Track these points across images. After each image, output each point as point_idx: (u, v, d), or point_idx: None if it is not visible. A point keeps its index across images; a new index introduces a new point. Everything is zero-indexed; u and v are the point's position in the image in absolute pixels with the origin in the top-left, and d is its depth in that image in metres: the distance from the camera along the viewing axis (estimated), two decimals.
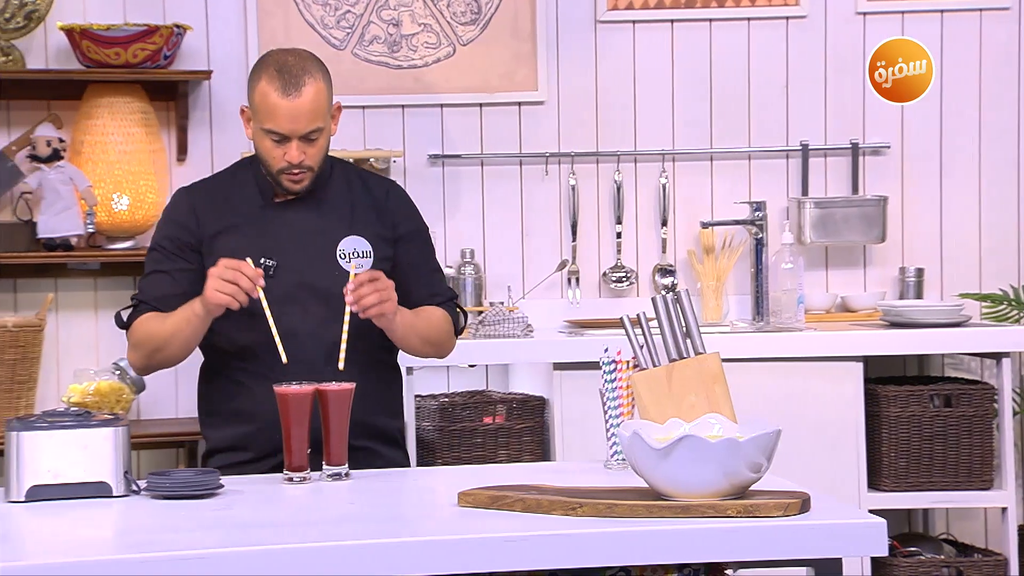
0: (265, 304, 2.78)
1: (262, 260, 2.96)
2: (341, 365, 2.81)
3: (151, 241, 3.06)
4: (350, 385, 2.77)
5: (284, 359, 2.77)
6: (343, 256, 2.96)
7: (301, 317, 2.92)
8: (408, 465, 3.15)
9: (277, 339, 2.77)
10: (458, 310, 3.17)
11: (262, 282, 2.79)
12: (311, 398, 2.73)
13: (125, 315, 3.02)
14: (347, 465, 2.77)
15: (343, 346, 2.80)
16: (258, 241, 2.98)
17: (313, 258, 2.98)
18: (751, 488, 2.38)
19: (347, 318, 2.81)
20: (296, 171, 2.95)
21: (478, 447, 4.09)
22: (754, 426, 2.40)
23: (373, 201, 3.07)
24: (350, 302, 2.82)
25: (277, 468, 2.93)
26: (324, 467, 2.75)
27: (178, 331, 2.92)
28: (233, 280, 2.79)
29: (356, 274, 2.84)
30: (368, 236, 3.00)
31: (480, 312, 4.31)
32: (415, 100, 4.48)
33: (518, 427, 4.12)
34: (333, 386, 2.76)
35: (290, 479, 2.72)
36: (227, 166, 3.18)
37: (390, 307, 2.87)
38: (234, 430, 3.00)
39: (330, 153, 4.40)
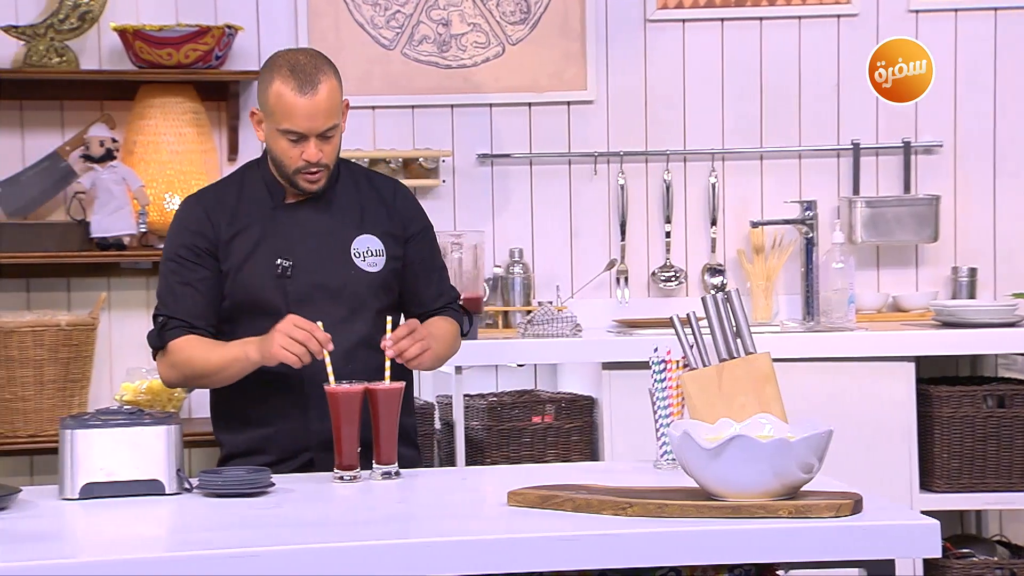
0: (330, 369, 2.77)
1: (278, 261, 2.96)
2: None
3: (165, 252, 3.03)
4: (400, 384, 2.78)
5: (332, 382, 2.77)
6: (357, 255, 2.98)
7: (318, 317, 2.91)
8: (421, 462, 3.16)
9: (331, 377, 2.77)
10: (463, 312, 3.18)
11: (330, 346, 2.78)
12: (361, 397, 2.74)
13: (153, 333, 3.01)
14: (397, 464, 2.78)
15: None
16: (272, 242, 2.98)
17: (326, 258, 2.99)
18: (802, 489, 2.37)
19: (388, 367, 2.81)
20: (314, 169, 2.94)
21: (526, 447, 4.09)
22: (805, 426, 2.39)
23: (381, 200, 3.07)
24: (390, 355, 2.81)
25: (300, 470, 2.94)
26: (374, 466, 2.76)
27: (225, 368, 2.92)
28: (304, 341, 2.77)
29: (391, 329, 2.85)
30: (378, 235, 3.02)
31: (528, 312, 4.31)
32: (464, 100, 4.48)
33: (567, 427, 4.12)
34: (383, 385, 2.77)
35: (340, 478, 2.73)
36: (232, 171, 3.16)
37: (429, 356, 2.90)
38: (252, 434, 3.00)
39: (389, 153, 4.44)
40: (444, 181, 4.47)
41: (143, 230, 4.17)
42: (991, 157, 4.61)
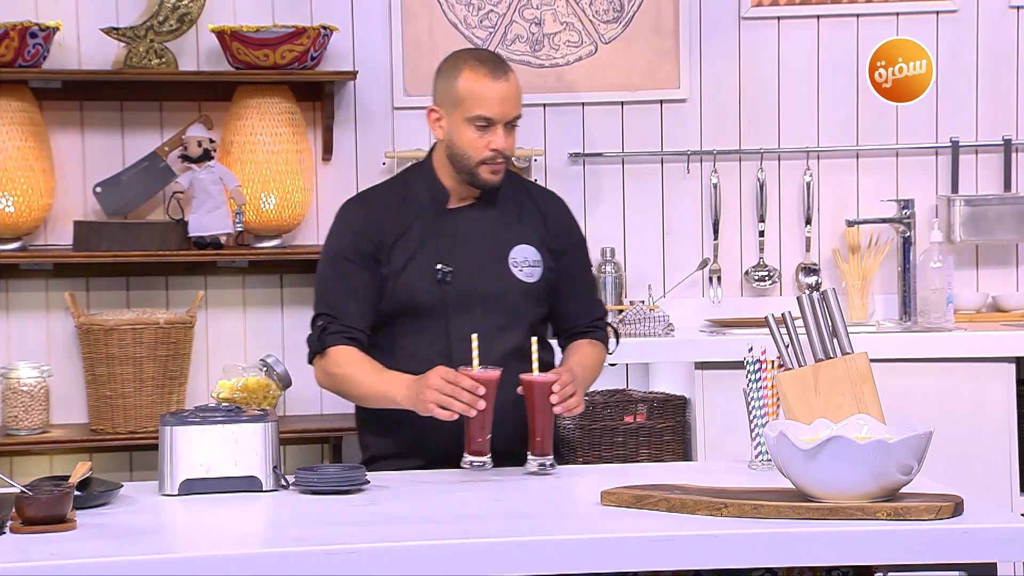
0: (475, 352, 2.77)
1: (439, 266, 2.97)
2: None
3: (327, 252, 3.04)
4: (555, 377, 2.76)
5: (475, 367, 2.76)
6: (515, 264, 2.97)
7: (474, 324, 2.92)
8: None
9: (475, 362, 2.76)
10: (608, 330, 3.16)
11: (481, 404, 2.73)
12: (496, 383, 2.72)
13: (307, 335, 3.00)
14: (552, 456, 2.76)
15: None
16: (433, 248, 2.98)
17: (485, 266, 2.99)
18: (901, 491, 2.34)
19: (535, 359, 2.81)
20: (500, 160, 2.95)
21: (619, 446, 4.08)
22: (904, 427, 2.36)
23: (538, 210, 3.07)
24: (559, 411, 2.78)
25: None
26: (530, 458, 2.76)
27: (371, 399, 2.93)
28: (453, 395, 2.74)
29: (536, 349, 2.83)
30: (535, 244, 3.02)
31: (620, 311, 4.29)
32: (557, 99, 4.48)
33: (659, 426, 4.10)
34: (539, 377, 2.75)
35: (470, 464, 2.72)
36: (394, 175, 3.16)
37: (581, 403, 2.86)
38: (398, 437, 3.00)
39: None
40: (536, 180, 4.47)
41: (239, 229, 4.21)
42: None
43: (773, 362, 2.81)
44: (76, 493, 2.44)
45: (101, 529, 2.36)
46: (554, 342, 3.14)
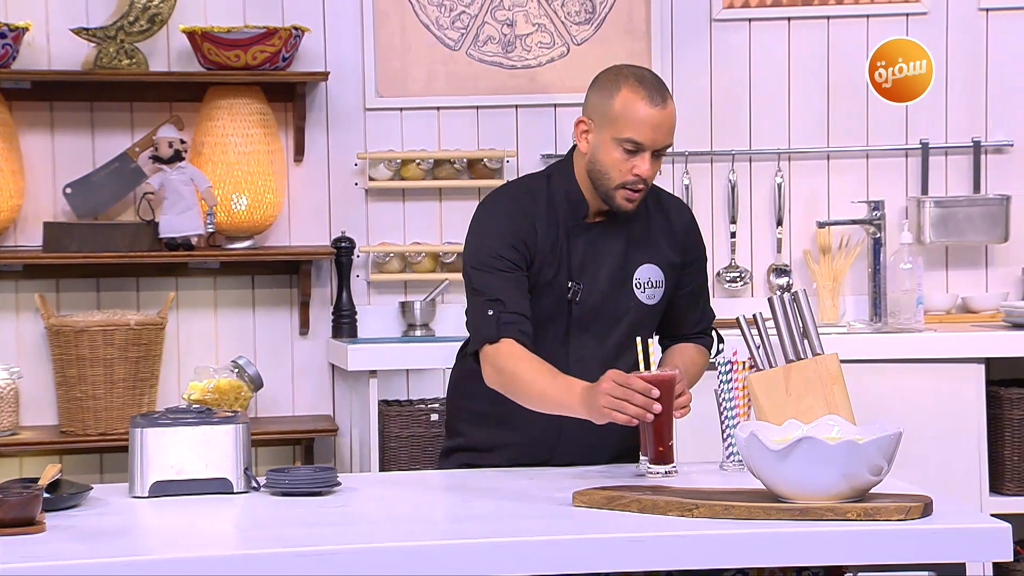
0: (649, 357, 2.72)
1: (570, 283, 2.90)
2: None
3: (485, 247, 2.88)
4: (673, 372, 2.72)
5: (651, 370, 2.70)
6: (638, 285, 2.94)
7: (595, 343, 2.89)
8: None
9: (650, 364, 2.71)
10: (713, 335, 3.10)
11: (657, 407, 2.64)
12: (671, 384, 2.66)
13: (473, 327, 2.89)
14: (675, 462, 2.71)
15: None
16: (566, 263, 2.91)
17: (610, 286, 2.93)
18: (871, 491, 2.35)
19: (655, 362, 2.76)
20: (640, 186, 2.86)
21: None
22: (874, 428, 2.37)
23: (666, 223, 3.00)
24: (679, 414, 2.74)
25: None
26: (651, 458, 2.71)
27: (543, 403, 2.79)
28: (625, 398, 2.64)
29: (642, 349, 2.76)
30: (660, 264, 2.97)
31: None
32: (529, 100, 4.48)
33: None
34: (660, 373, 2.69)
35: (654, 473, 2.67)
36: (529, 176, 3.05)
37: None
38: (497, 434, 2.95)
39: (453, 154, 4.40)
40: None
41: (211, 230, 4.20)
42: None
43: (744, 363, 2.82)
44: (45, 495, 2.43)
45: (71, 531, 2.35)
46: (654, 339, 3.08)
